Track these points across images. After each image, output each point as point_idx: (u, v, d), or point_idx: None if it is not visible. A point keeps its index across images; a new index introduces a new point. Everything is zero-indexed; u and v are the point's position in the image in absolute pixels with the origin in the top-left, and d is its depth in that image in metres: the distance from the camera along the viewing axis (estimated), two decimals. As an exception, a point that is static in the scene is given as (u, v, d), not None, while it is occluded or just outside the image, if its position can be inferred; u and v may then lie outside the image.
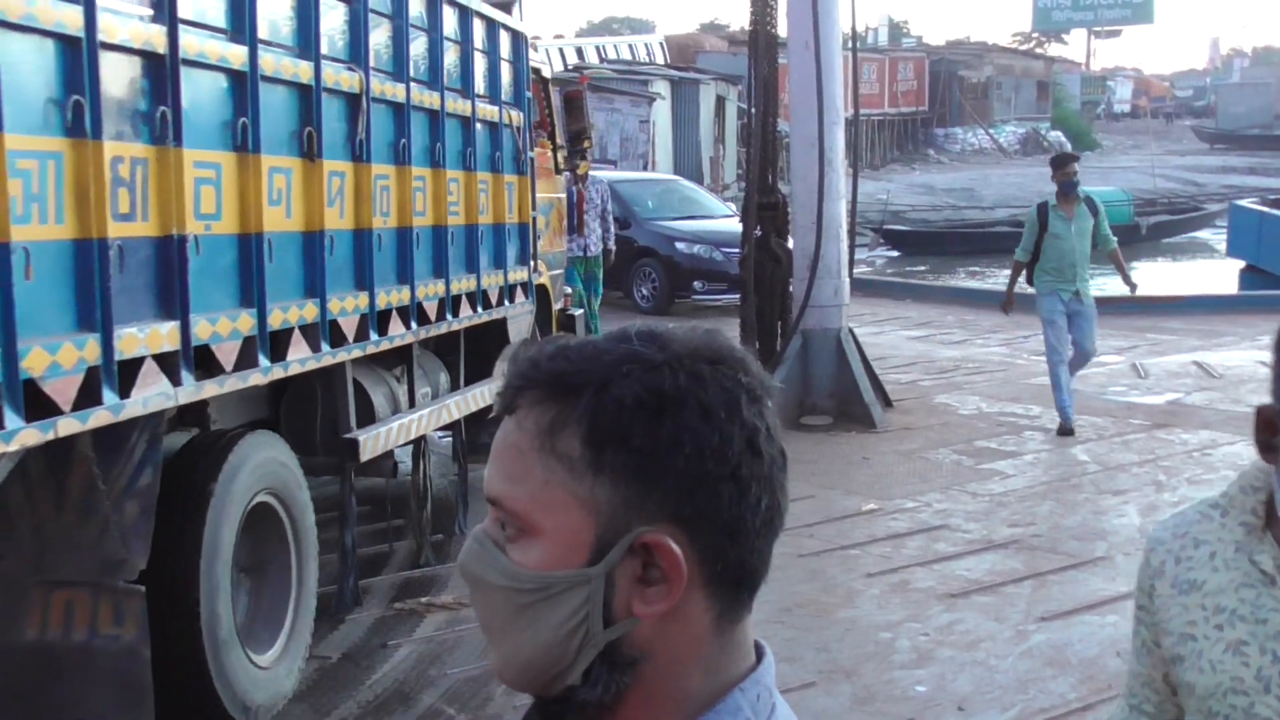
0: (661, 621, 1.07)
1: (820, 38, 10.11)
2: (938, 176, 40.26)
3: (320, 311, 5.50)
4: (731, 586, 1.10)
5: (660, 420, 1.06)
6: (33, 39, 3.74)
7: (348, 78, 5.79)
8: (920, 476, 8.87)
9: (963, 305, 17.67)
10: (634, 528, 1.06)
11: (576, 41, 46.55)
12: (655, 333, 1.11)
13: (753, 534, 1.09)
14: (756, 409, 1.09)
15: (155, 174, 4.35)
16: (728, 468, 1.06)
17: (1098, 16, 74.73)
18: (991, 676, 5.63)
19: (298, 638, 5.56)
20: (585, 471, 1.07)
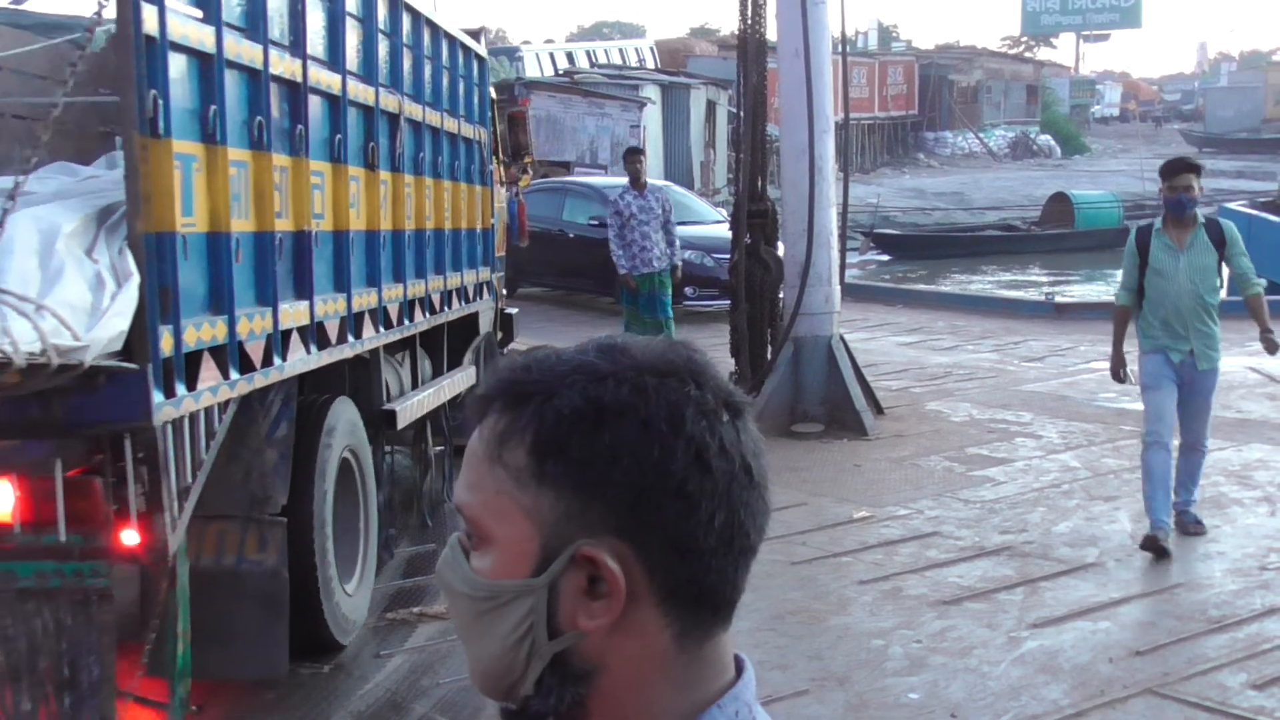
0: (614, 636, 1.07)
1: (810, 45, 10.13)
2: (928, 180, 40.34)
3: (378, 299, 6.61)
4: (690, 605, 1.08)
5: (598, 431, 1.05)
6: (236, 74, 4.96)
7: (392, 100, 6.88)
8: (912, 483, 8.88)
9: (953, 311, 17.71)
10: (576, 539, 1.06)
11: (567, 46, 46.56)
12: (614, 345, 1.11)
13: (707, 552, 1.07)
14: (706, 424, 1.07)
15: (292, 180, 5.47)
16: (671, 482, 1.05)
17: (1086, 20, 74.98)
18: (984, 683, 5.64)
19: (368, 573, 6.57)
20: (529, 481, 1.07)
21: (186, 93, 4.66)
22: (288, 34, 5.53)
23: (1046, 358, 13.74)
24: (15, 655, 4.48)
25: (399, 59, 7.14)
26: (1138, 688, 5.54)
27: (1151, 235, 7.26)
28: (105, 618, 4.51)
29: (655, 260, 11.96)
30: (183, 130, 4.59)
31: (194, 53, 4.69)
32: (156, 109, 4.41)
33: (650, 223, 11.86)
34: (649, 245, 11.89)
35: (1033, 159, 50.47)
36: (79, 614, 4.50)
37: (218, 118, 4.81)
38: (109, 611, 4.53)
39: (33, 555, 4.46)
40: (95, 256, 4.30)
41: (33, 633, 4.48)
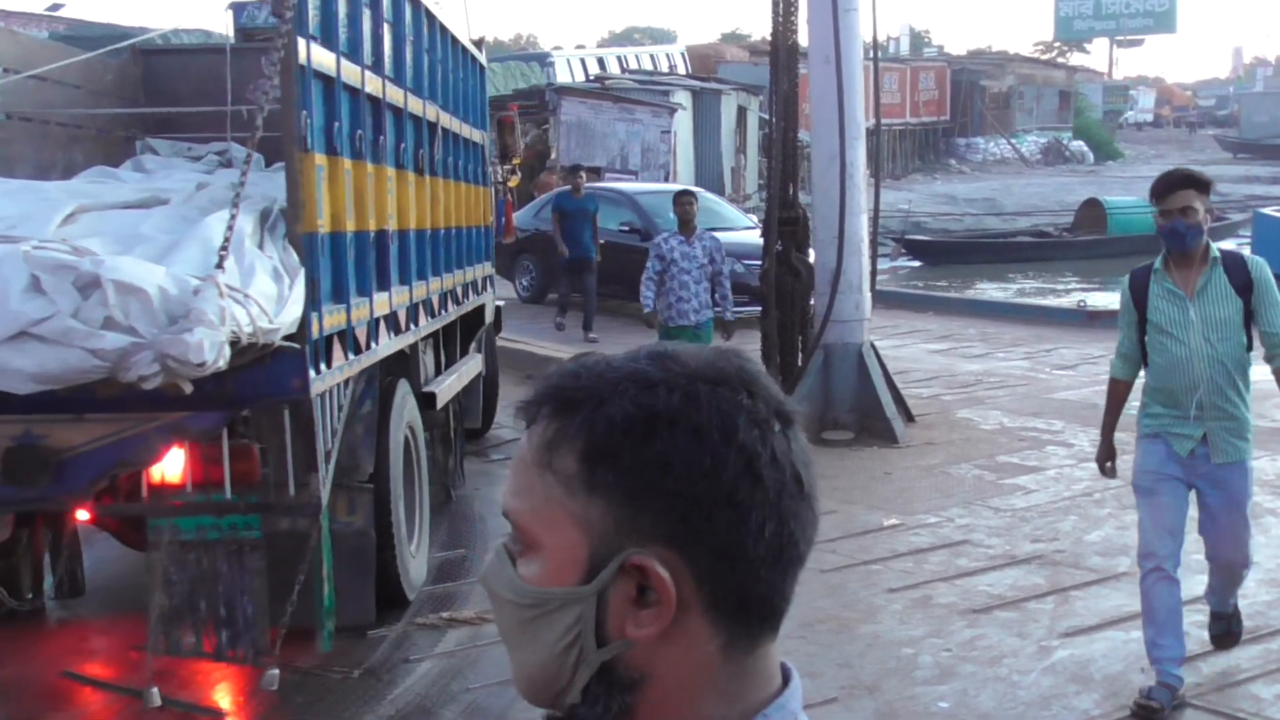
0: (662, 645, 1.07)
1: (841, 52, 10.12)
2: (959, 186, 40.19)
3: (426, 291, 7.52)
4: (738, 615, 1.08)
5: (650, 440, 1.05)
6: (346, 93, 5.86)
7: (432, 110, 7.67)
8: (942, 491, 8.86)
9: (984, 318, 17.62)
10: (625, 548, 1.05)
11: (598, 52, 46.63)
12: (665, 352, 1.10)
13: (756, 562, 1.07)
14: (758, 433, 1.07)
15: (375, 185, 6.32)
16: (721, 491, 1.05)
17: (1120, 25, 74.53)
18: (1014, 693, 5.62)
19: (424, 539, 7.36)
20: (579, 489, 1.06)
21: (320, 112, 5.55)
22: (370, 54, 6.31)
23: (1078, 365, 13.66)
24: (180, 598, 5.22)
25: (436, 73, 7.98)
26: (1169, 698, 5.51)
27: (1150, 279, 5.36)
28: (257, 564, 5.24)
29: (692, 313, 10.46)
30: (318, 144, 5.48)
31: (321, 76, 5.57)
32: (307, 127, 5.31)
33: (692, 272, 10.49)
34: (686, 296, 10.49)
35: (1065, 165, 50.17)
36: (234, 561, 5.22)
37: (338, 132, 5.72)
38: (260, 559, 5.24)
39: (194, 511, 5.20)
40: (268, 253, 5.10)
41: (194, 578, 5.20)
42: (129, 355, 4.34)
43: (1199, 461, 5.25)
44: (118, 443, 4.92)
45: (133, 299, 4.45)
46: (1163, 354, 5.29)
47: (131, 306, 4.44)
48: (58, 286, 4.43)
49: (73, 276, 4.46)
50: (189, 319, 4.38)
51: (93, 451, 4.91)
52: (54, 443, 4.87)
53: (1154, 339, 5.32)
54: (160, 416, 4.90)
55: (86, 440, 4.89)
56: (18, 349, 4.35)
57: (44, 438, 4.87)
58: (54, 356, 4.36)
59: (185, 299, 4.47)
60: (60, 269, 4.48)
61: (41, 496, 5.05)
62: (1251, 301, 5.21)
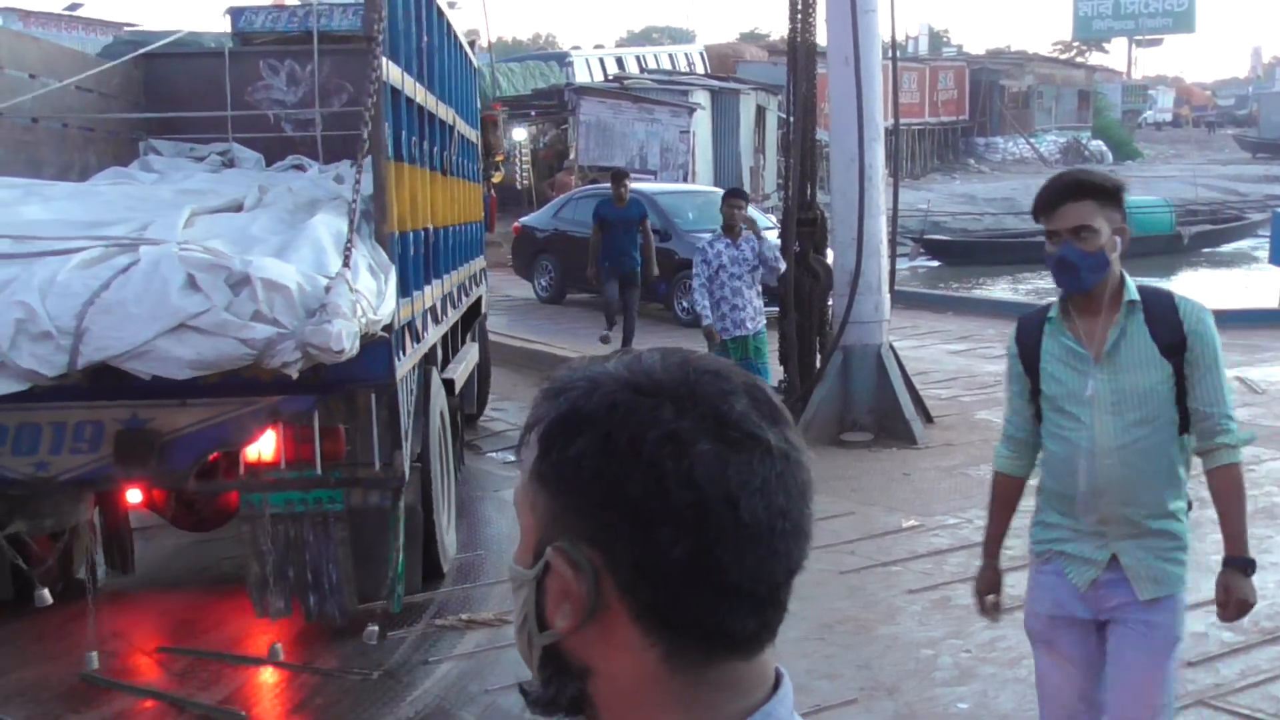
0: (596, 642, 1.08)
1: (860, 53, 10.10)
2: (978, 186, 40.10)
3: (453, 283, 8.30)
4: (669, 629, 1.06)
5: (571, 440, 1.07)
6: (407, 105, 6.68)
7: (450, 114, 8.24)
8: (961, 493, 8.83)
9: (1003, 318, 17.50)
10: (556, 539, 1.08)
11: (617, 51, 46.59)
12: (640, 357, 1.11)
13: (672, 580, 1.04)
14: (672, 449, 1.03)
15: (424, 187, 7.11)
16: (627, 503, 1.04)
17: (1139, 25, 74.26)
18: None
19: (453, 516, 7.83)
20: (533, 476, 1.10)
21: (397, 123, 6.25)
22: (417, 66, 6.94)
23: (1098, 366, 13.59)
24: (270, 566, 5.62)
25: (451, 78, 8.59)
26: (1190, 699, 5.49)
27: (1044, 332, 3.78)
28: (340, 534, 5.66)
29: (749, 321, 9.89)
30: (396, 153, 6.17)
31: (394, 90, 6.22)
32: (398, 139, 6.14)
33: (743, 276, 9.83)
34: (740, 304, 9.83)
35: (1084, 164, 49.99)
36: (319, 532, 5.64)
37: (404, 140, 6.37)
38: (343, 529, 5.67)
39: (283, 487, 5.60)
40: (363, 252, 5.61)
41: (283, 548, 5.62)
42: (274, 344, 4.94)
43: (1102, 590, 3.66)
44: (218, 425, 5.37)
45: (277, 294, 5.02)
46: (1058, 439, 3.72)
47: (276, 301, 5.01)
48: (212, 284, 5.00)
49: (224, 275, 5.04)
50: (326, 312, 4.98)
51: (195, 433, 5.36)
52: (158, 426, 5.32)
53: (1048, 417, 3.75)
54: (256, 401, 5.36)
55: (189, 423, 5.35)
56: (177, 339, 4.92)
57: (149, 421, 5.31)
58: (210, 346, 4.94)
59: (318, 294, 5.07)
60: (213, 268, 5.05)
61: (148, 475, 5.49)
62: (1184, 365, 3.62)
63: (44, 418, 5.26)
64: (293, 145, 9.67)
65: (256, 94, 9.90)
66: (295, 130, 9.82)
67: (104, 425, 5.30)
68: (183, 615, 6.95)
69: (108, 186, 7.46)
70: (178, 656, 6.34)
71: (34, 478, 5.35)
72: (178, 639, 6.58)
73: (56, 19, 38.07)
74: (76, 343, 4.90)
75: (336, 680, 5.98)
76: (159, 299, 4.94)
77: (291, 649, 6.37)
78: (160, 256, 5.10)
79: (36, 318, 4.89)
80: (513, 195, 29.73)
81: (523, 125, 30.58)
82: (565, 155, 28.60)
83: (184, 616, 6.93)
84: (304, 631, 6.60)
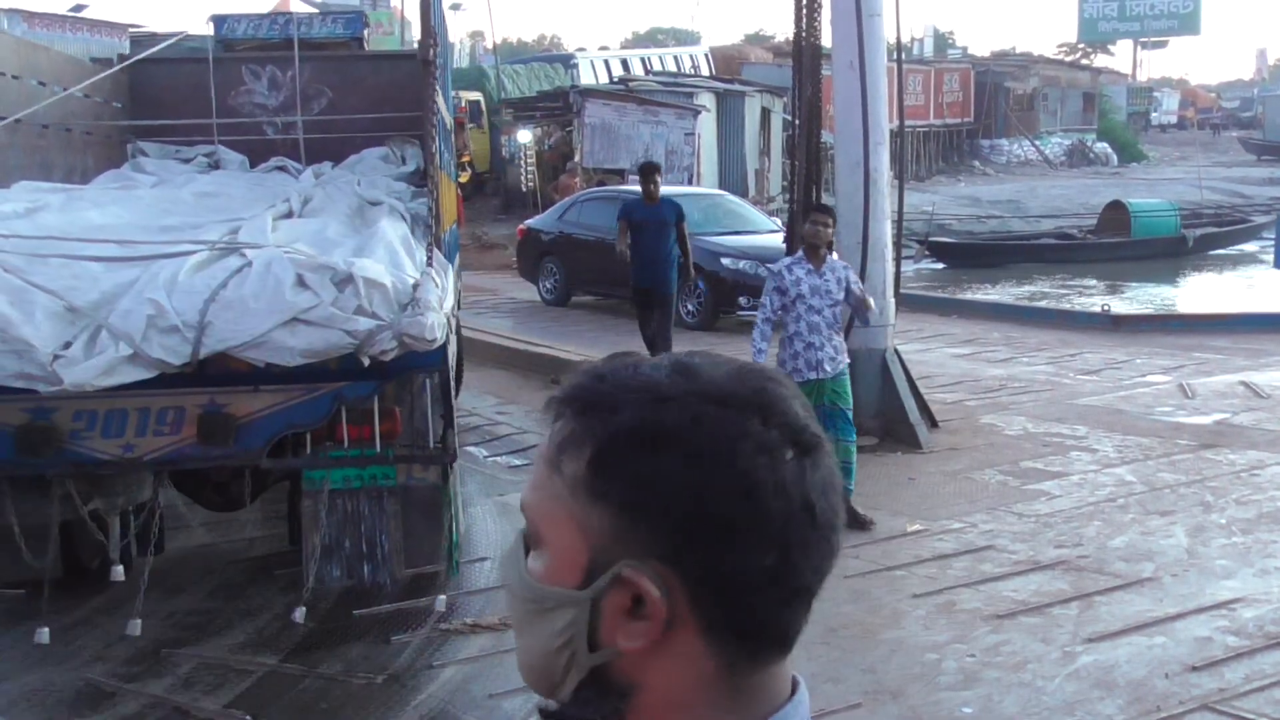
0: (655, 657, 1.06)
1: (866, 58, 10.07)
2: (983, 188, 40.07)
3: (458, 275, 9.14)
4: (735, 639, 1.07)
5: (650, 456, 1.04)
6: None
7: (449, 118, 9.22)
8: (966, 497, 8.84)
9: (1008, 321, 17.55)
10: (622, 559, 1.05)
11: (622, 53, 46.62)
12: (689, 365, 1.09)
13: (753, 590, 1.05)
14: (765, 460, 1.04)
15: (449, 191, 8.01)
16: (717, 516, 1.03)
17: (1144, 27, 74.20)
18: (1038, 698, 5.62)
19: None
20: (584, 494, 1.06)
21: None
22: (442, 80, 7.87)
23: (1102, 370, 13.61)
24: (329, 538, 6.13)
25: (448, 82, 9.45)
26: (1194, 703, 5.51)
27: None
28: (393, 508, 6.18)
29: (827, 362, 8.25)
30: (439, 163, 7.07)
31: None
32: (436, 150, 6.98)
33: (823, 311, 8.23)
34: (818, 342, 8.22)
35: (1089, 167, 49.97)
36: (373, 506, 6.15)
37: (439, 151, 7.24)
38: (395, 503, 6.18)
39: (342, 464, 6.12)
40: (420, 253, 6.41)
41: (340, 521, 6.12)
42: (375, 335, 5.62)
43: None
44: (287, 409, 5.91)
45: (376, 291, 5.70)
46: None
47: (375, 297, 5.68)
48: (319, 282, 5.65)
49: (330, 274, 5.70)
50: (419, 305, 5.69)
51: (267, 416, 5.90)
52: (234, 410, 5.86)
53: None
54: (321, 386, 5.89)
55: (262, 407, 5.88)
56: (290, 331, 5.56)
57: (226, 406, 5.84)
58: (319, 337, 5.59)
59: (408, 290, 5.77)
60: (320, 268, 5.72)
61: (227, 455, 5.99)
62: None
63: (130, 403, 5.73)
64: (275, 148, 10.05)
65: (239, 98, 10.32)
66: (277, 133, 10.17)
67: (185, 410, 5.82)
68: (188, 619, 6.96)
69: (146, 191, 8.08)
70: (183, 660, 6.35)
71: (121, 459, 5.87)
72: (184, 642, 6.60)
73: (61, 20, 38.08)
74: (200, 335, 5.53)
75: (341, 684, 5.99)
76: (274, 296, 5.58)
77: (297, 654, 6.39)
78: (271, 258, 5.76)
79: (165, 313, 5.51)
80: (518, 198, 29.74)
81: (528, 127, 30.60)
82: (570, 157, 28.61)
83: (190, 620, 6.94)
84: (309, 636, 6.62)
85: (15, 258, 5.79)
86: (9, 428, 5.73)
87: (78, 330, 5.53)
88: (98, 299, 5.64)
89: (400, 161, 9.72)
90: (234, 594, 7.19)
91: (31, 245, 5.99)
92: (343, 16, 12.04)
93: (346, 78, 10.46)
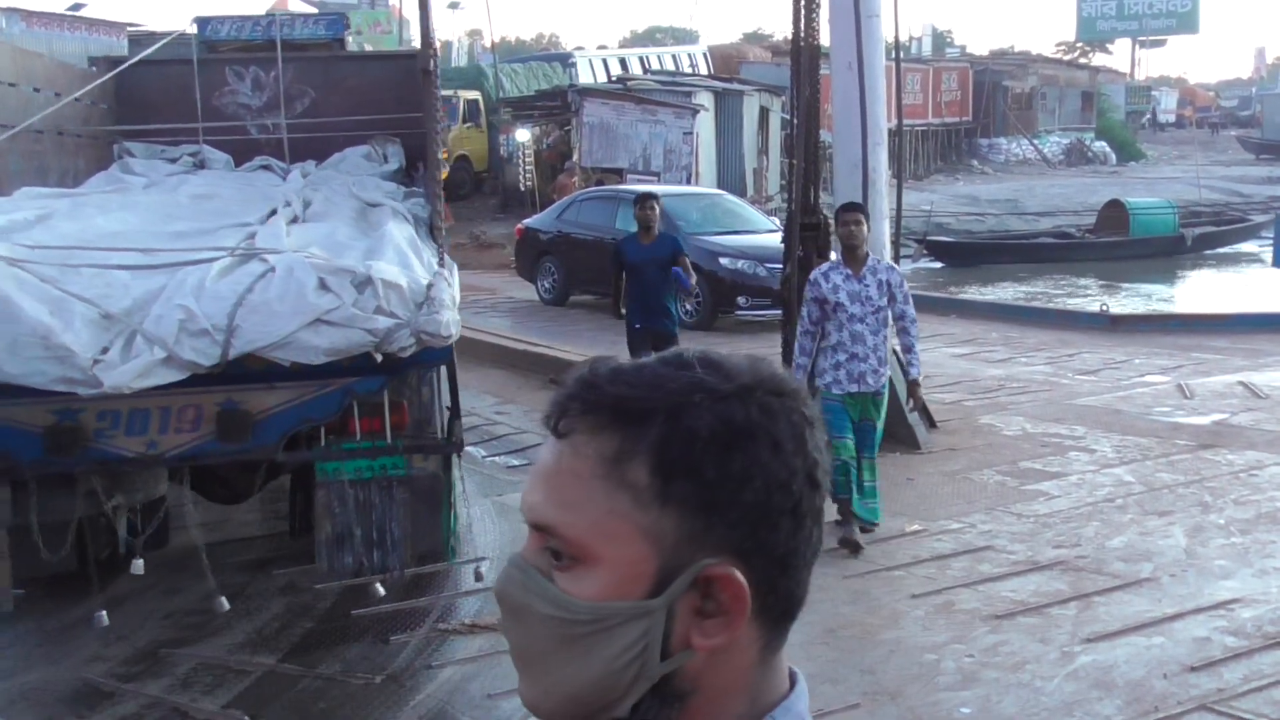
0: (716, 653, 1.06)
1: (864, 59, 10.07)
2: (982, 187, 40.05)
3: None
4: (780, 618, 1.10)
5: (732, 453, 1.04)
6: None
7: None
8: (965, 497, 8.84)
9: (1007, 321, 17.55)
10: (697, 560, 1.04)
11: (620, 52, 46.59)
12: (716, 360, 1.09)
13: (804, 566, 1.09)
14: (817, 441, 1.09)
15: None
16: (790, 502, 1.06)
17: (1142, 26, 74.09)
18: (1037, 699, 5.62)
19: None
20: (651, 502, 1.04)
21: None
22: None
23: (1101, 371, 13.61)
24: (340, 526, 6.37)
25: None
26: (1192, 704, 5.51)
27: None
28: (402, 496, 6.42)
29: (870, 375, 7.67)
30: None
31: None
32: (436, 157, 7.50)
33: (866, 319, 7.65)
34: (862, 353, 7.64)
35: (1088, 166, 49.95)
36: (384, 495, 6.39)
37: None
38: (404, 492, 6.42)
39: (354, 455, 6.35)
40: (434, 252, 6.69)
41: (352, 510, 6.35)
42: (393, 333, 5.92)
43: None
44: (301, 404, 6.14)
45: (393, 292, 5.98)
46: None
47: (392, 297, 5.97)
48: (340, 285, 5.93)
49: (350, 277, 5.99)
50: (434, 305, 6.00)
51: (282, 412, 6.12)
52: (250, 406, 6.07)
53: None
54: (333, 382, 6.10)
55: (277, 403, 6.11)
56: (314, 331, 5.83)
57: (243, 403, 6.06)
58: (341, 336, 5.87)
59: (421, 290, 6.06)
60: (341, 272, 6.01)
61: (244, 450, 6.21)
62: None
63: (152, 403, 5.93)
64: (258, 147, 10.20)
65: (223, 99, 10.50)
66: (260, 133, 10.32)
67: (204, 408, 6.04)
68: (187, 619, 6.96)
69: (143, 195, 8.29)
70: (181, 660, 6.35)
71: (145, 455, 6.11)
72: (182, 642, 6.60)
73: (59, 19, 38.04)
74: (229, 337, 5.77)
75: (340, 685, 5.99)
76: (298, 299, 5.85)
77: (295, 654, 6.39)
78: (293, 263, 6.02)
79: (195, 318, 5.76)
80: (516, 197, 29.73)
81: (526, 126, 30.57)
82: (569, 156, 28.60)
83: (188, 620, 6.94)
84: (307, 636, 6.63)
85: (48, 268, 5.98)
86: (37, 429, 5.91)
87: (113, 336, 5.74)
88: (130, 305, 5.85)
89: (382, 160, 9.84)
90: (232, 594, 7.18)
91: (59, 255, 6.17)
92: (325, 18, 12.34)
93: (328, 78, 10.67)
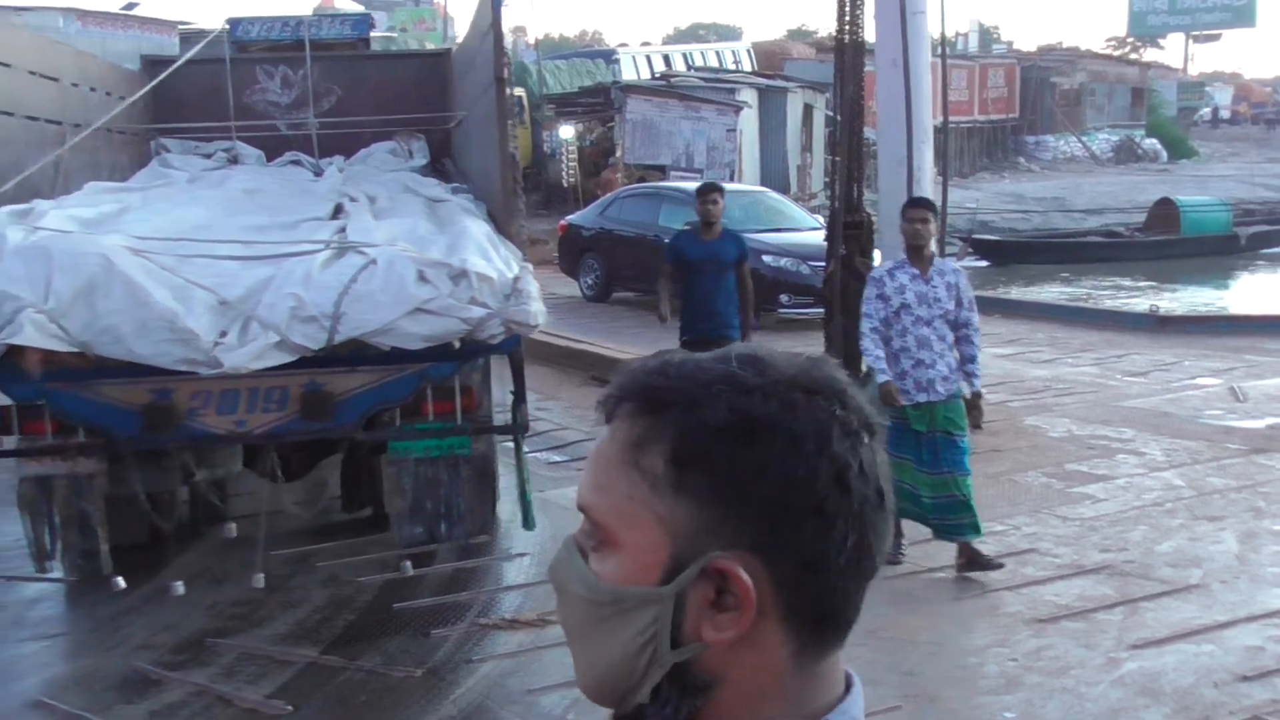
0: (736, 649, 1.06)
1: (909, 56, 9.98)
2: (1028, 185, 39.75)
3: None
4: (812, 624, 1.08)
5: (746, 446, 1.04)
6: None
7: None
8: (1009, 499, 8.77)
9: (1053, 321, 17.37)
10: (709, 551, 1.04)
11: (663, 49, 46.54)
12: (756, 356, 1.09)
13: (835, 572, 1.06)
14: (850, 444, 1.06)
15: None
16: (812, 500, 1.04)
17: (1195, 20, 73.17)
18: (1081, 705, 5.56)
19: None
20: (667, 490, 1.05)
21: None
22: None
23: (1150, 372, 13.45)
24: (412, 500, 6.78)
25: None
26: (1244, 714, 5.43)
27: None
28: (467, 473, 6.88)
29: (939, 382, 7.19)
30: None
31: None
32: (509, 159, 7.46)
33: (933, 322, 7.19)
34: (928, 359, 7.18)
35: (1137, 163, 49.45)
36: (451, 472, 6.79)
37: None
38: (469, 469, 6.89)
39: (424, 435, 6.72)
40: (513, 247, 6.97)
41: (421, 486, 6.77)
42: (485, 321, 6.29)
43: None
44: (379, 386, 6.48)
45: (485, 283, 6.32)
46: None
47: (484, 288, 6.31)
48: (438, 277, 6.27)
49: (447, 270, 6.30)
50: (522, 295, 6.36)
51: (362, 393, 6.47)
52: (332, 388, 6.43)
53: None
54: (409, 366, 6.43)
55: (357, 385, 6.46)
56: (414, 320, 6.20)
57: (325, 385, 6.41)
58: (439, 324, 6.25)
59: (508, 282, 6.39)
60: (438, 265, 6.33)
61: (326, 428, 6.56)
62: None
63: (242, 384, 6.27)
64: (288, 143, 10.64)
65: (253, 96, 11.00)
66: (290, 130, 10.72)
67: (289, 389, 6.39)
68: (232, 609, 7.01)
69: (204, 190, 8.65)
70: (226, 650, 6.40)
71: (234, 433, 6.49)
72: (227, 632, 6.65)
73: (113, 19, 38.52)
74: (335, 323, 6.14)
75: (380, 678, 6.02)
76: (399, 289, 6.21)
77: (337, 646, 6.42)
78: (393, 257, 6.36)
79: (304, 305, 6.12)
80: (559, 193, 29.79)
81: (569, 123, 30.62)
82: (611, 153, 28.60)
83: (234, 611, 6.99)
84: (348, 629, 6.66)
85: (166, 257, 6.36)
86: (136, 407, 6.28)
87: (229, 320, 6.14)
88: (243, 293, 6.23)
89: (407, 155, 10.23)
90: (276, 585, 7.23)
91: (167, 246, 6.52)
92: (350, 18, 12.82)
93: (353, 76, 11.11)
